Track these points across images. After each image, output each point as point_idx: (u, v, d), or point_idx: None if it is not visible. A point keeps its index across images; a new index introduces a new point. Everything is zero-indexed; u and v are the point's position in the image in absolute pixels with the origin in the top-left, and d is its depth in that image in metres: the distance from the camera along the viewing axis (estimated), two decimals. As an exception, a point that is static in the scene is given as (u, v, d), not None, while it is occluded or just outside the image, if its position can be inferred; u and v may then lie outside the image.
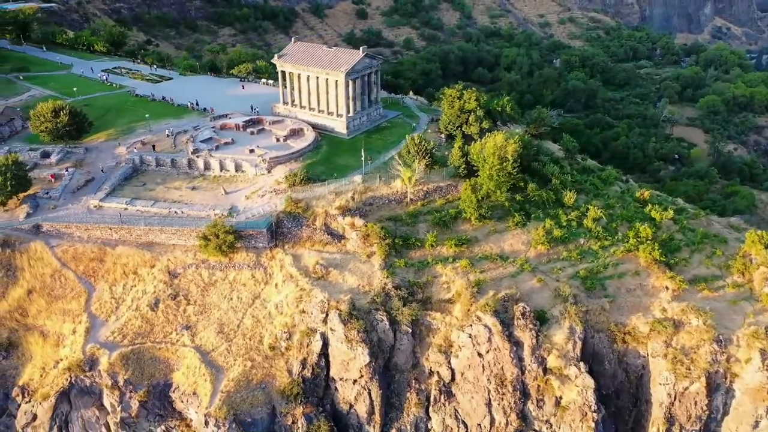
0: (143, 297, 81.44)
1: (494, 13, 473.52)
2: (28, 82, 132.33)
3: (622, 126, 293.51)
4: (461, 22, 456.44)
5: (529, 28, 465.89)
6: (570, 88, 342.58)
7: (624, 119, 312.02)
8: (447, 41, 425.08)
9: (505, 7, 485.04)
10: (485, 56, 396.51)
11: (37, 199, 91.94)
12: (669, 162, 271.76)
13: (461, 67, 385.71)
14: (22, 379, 78.78)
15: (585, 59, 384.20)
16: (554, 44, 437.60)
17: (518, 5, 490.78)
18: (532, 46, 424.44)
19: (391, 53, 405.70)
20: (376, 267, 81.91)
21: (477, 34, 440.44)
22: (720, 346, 75.35)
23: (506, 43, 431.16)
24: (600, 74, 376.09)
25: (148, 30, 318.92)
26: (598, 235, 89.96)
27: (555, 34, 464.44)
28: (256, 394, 75.68)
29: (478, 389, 76.46)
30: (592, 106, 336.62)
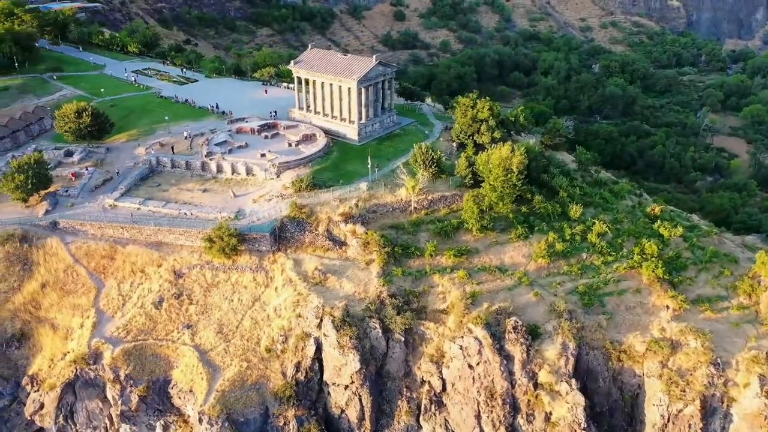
0: (148, 295, 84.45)
1: (534, 17, 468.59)
2: (61, 81, 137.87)
3: (659, 134, 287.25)
4: (500, 25, 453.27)
5: (569, 32, 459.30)
6: (607, 95, 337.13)
7: (662, 127, 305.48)
8: (484, 44, 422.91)
9: (545, 10, 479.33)
10: (522, 60, 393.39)
11: (56, 196, 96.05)
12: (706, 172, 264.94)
13: (497, 70, 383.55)
14: (32, 368, 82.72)
15: (625, 65, 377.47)
16: (594, 49, 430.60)
17: (559, 8, 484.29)
18: (571, 50, 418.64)
19: (427, 55, 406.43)
20: (373, 275, 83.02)
21: (515, 38, 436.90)
22: (717, 370, 73.86)
23: (545, 47, 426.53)
24: (640, 80, 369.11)
25: (188, 30, 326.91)
26: (601, 250, 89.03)
27: (596, 38, 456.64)
28: (250, 395, 77.69)
29: (468, 401, 76.81)
30: (630, 113, 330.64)
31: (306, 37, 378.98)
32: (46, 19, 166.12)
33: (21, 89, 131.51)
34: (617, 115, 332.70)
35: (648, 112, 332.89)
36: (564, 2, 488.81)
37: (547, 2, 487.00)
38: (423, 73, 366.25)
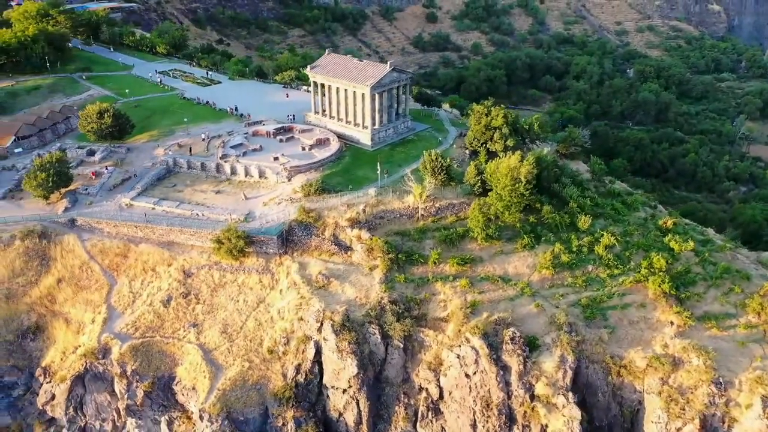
0: (158, 293, 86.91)
1: (569, 20, 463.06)
2: (89, 81, 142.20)
3: (693, 142, 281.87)
4: (533, 28, 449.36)
5: (604, 36, 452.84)
6: (640, 100, 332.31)
7: (696, 135, 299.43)
8: (516, 47, 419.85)
9: (580, 13, 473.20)
10: (554, 64, 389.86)
11: (76, 194, 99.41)
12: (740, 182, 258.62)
13: (528, 74, 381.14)
14: (45, 360, 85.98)
15: (660, 70, 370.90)
16: (629, 53, 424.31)
17: (594, 12, 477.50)
18: (605, 54, 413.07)
19: (458, 58, 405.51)
20: (376, 280, 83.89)
21: (548, 41, 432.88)
22: (719, 389, 72.72)
23: (578, 50, 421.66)
24: (676, 86, 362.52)
25: (221, 30, 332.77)
26: (608, 263, 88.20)
27: (631, 42, 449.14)
28: (250, 394, 79.40)
29: (465, 410, 77.12)
30: (664, 120, 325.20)
31: (337, 38, 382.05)
32: (79, 19, 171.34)
33: (51, 88, 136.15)
34: (650, 122, 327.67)
35: (682, 119, 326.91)
36: (600, 6, 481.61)
37: (582, 5, 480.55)
38: (452, 76, 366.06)
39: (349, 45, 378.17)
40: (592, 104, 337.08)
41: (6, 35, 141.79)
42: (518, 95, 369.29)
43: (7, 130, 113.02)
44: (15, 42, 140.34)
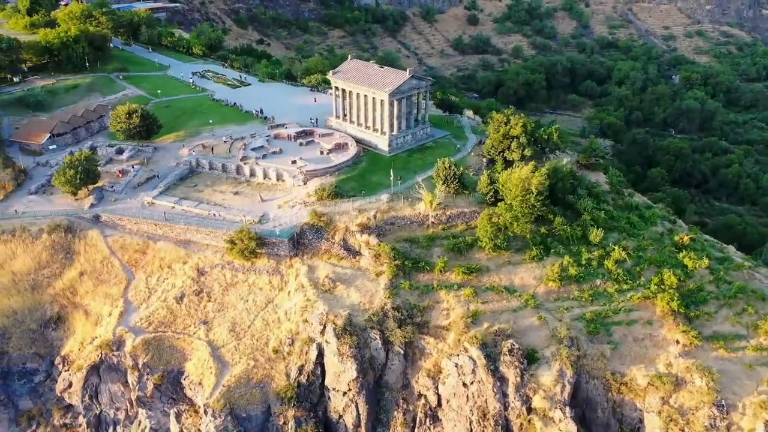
0: (172, 290, 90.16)
1: (614, 24, 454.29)
2: (126, 81, 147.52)
3: (737, 152, 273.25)
4: (576, 32, 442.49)
5: (650, 41, 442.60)
6: (684, 108, 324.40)
7: (742, 145, 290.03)
8: (558, 51, 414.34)
9: (626, 17, 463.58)
10: (597, 68, 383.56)
11: (103, 191, 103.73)
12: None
13: (568, 78, 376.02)
14: (64, 349, 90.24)
15: (708, 77, 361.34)
16: (676, 59, 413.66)
17: (641, 16, 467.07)
18: (650, 60, 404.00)
19: (498, 61, 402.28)
20: (381, 286, 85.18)
21: (591, 45, 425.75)
22: (720, 411, 71.42)
23: (622, 55, 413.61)
24: (723, 94, 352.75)
25: (262, 30, 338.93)
26: (617, 278, 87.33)
27: (679, 48, 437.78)
28: (254, 392, 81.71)
29: (461, 419, 77.71)
30: (708, 128, 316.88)
31: (377, 39, 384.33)
32: (120, 20, 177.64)
33: (89, 88, 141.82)
34: (694, 130, 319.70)
35: (728, 128, 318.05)
36: (647, 10, 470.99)
37: (629, 9, 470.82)
38: (491, 79, 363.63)
39: (388, 47, 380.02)
40: (633, 111, 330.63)
41: (50, 35, 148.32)
42: (557, 100, 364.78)
43: (43, 127, 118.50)
44: (57, 42, 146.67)
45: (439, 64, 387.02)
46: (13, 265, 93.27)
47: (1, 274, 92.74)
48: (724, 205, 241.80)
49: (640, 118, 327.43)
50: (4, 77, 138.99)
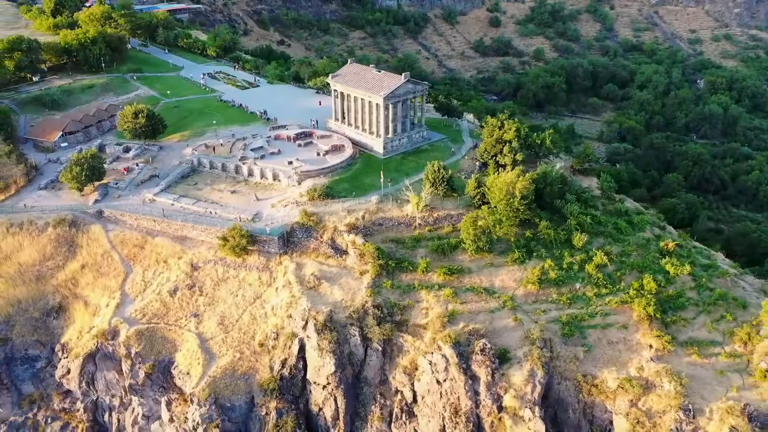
0: (166, 284, 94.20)
1: (639, 27, 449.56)
2: (139, 82, 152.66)
3: (759, 159, 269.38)
4: (600, 35, 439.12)
5: (676, 44, 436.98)
6: (707, 112, 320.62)
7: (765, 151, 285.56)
8: (581, 53, 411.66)
9: (652, 20, 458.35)
10: (619, 72, 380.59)
11: (107, 188, 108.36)
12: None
13: (589, 82, 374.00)
14: (64, 337, 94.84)
15: (734, 81, 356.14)
16: (701, 63, 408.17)
17: (668, 18, 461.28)
18: (675, 63, 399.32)
19: (518, 63, 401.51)
20: (363, 285, 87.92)
21: (615, 48, 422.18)
22: (687, 416, 72.61)
23: (647, 58, 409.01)
24: (749, 99, 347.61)
25: (284, 31, 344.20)
26: (597, 282, 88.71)
27: (705, 51, 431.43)
28: (238, 383, 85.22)
29: (435, 415, 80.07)
30: (731, 134, 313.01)
31: (397, 41, 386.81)
32: (137, 22, 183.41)
33: (104, 88, 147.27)
34: (717, 135, 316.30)
35: (752, 134, 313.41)
36: (674, 13, 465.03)
37: (655, 12, 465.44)
38: (510, 82, 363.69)
39: (408, 48, 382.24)
40: (654, 115, 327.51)
41: (69, 36, 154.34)
42: (578, 103, 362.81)
43: (56, 125, 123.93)
44: (76, 43, 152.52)
45: (459, 66, 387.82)
46: (20, 256, 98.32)
47: (8, 265, 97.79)
48: (743, 212, 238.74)
49: (661, 122, 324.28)
50: (24, 77, 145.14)
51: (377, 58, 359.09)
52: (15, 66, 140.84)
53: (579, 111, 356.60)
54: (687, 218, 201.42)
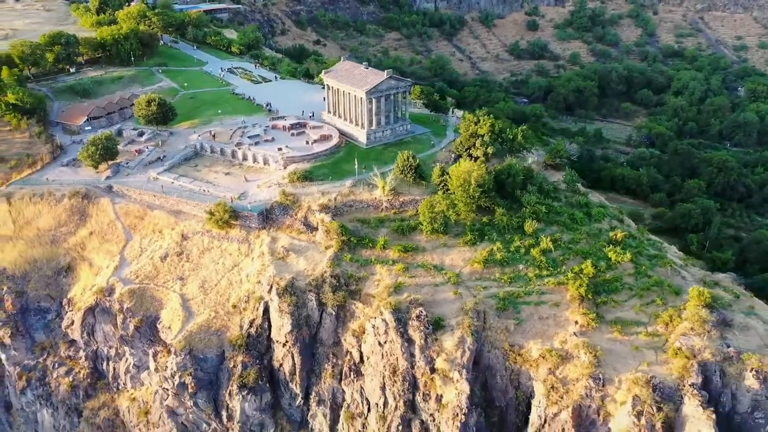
0: (159, 250, 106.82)
1: (682, 32, 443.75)
2: (164, 74, 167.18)
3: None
4: (640, 40, 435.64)
5: (719, 51, 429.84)
6: (741, 120, 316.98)
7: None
8: (618, 58, 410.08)
9: (696, 26, 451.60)
10: (656, 78, 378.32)
11: (119, 166, 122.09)
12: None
13: (624, 87, 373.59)
14: (70, 293, 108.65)
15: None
16: (744, 70, 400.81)
17: (713, 25, 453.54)
18: (717, 70, 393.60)
19: (553, 67, 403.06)
20: (326, 257, 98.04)
21: (654, 53, 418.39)
22: (597, 384, 79.79)
23: (687, 65, 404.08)
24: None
25: (320, 31, 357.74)
26: (539, 265, 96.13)
27: (750, 59, 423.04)
28: (211, 338, 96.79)
29: (377, 373, 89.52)
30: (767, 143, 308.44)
31: (432, 42, 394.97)
32: (169, 20, 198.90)
33: (131, 79, 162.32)
34: (752, 144, 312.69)
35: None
36: (720, 19, 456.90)
37: (700, 18, 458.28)
38: (541, 85, 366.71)
39: (443, 50, 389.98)
40: (687, 121, 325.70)
41: (104, 32, 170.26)
42: (610, 108, 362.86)
43: (82, 111, 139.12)
44: (110, 38, 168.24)
45: (493, 69, 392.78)
46: (39, 222, 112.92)
47: (29, 229, 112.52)
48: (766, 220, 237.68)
49: (694, 129, 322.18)
50: (62, 68, 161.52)
51: (410, 59, 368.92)
52: (54, 58, 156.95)
53: (610, 116, 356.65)
54: (701, 223, 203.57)
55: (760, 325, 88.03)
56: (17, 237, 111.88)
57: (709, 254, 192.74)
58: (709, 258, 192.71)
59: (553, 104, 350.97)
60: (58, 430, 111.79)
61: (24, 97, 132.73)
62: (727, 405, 79.36)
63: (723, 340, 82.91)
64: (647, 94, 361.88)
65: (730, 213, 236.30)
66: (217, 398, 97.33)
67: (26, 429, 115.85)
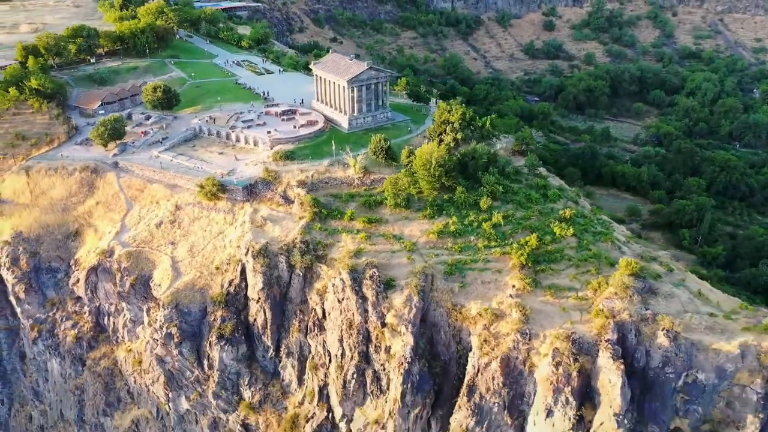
0: (155, 218, 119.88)
1: (701, 34, 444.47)
2: (175, 66, 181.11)
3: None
4: (658, 41, 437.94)
5: (737, 53, 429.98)
6: (751, 122, 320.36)
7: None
8: (634, 59, 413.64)
9: (715, 27, 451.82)
10: (670, 79, 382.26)
11: (126, 145, 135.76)
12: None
13: (636, 87, 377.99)
14: (77, 255, 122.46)
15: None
16: (762, 72, 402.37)
17: (733, 27, 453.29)
18: (732, 72, 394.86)
19: (568, 67, 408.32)
20: (298, 226, 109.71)
21: (671, 55, 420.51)
22: (524, 338, 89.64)
23: (704, 66, 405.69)
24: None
25: (338, 29, 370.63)
26: (489, 237, 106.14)
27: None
28: (195, 295, 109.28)
29: (336, 328, 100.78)
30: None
31: (447, 41, 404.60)
32: (184, 16, 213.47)
33: (145, 69, 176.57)
34: (762, 145, 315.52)
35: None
36: (740, 21, 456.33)
37: (720, 20, 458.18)
38: (553, 84, 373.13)
39: (458, 48, 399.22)
40: (698, 122, 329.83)
41: (123, 26, 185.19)
42: (621, 107, 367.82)
43: (97, 97, 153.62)
44: (128, 32, 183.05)
45: (506, 68, 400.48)
46: (52, 193, 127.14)
47: (44, 198, 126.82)
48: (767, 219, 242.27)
49: (704, 130, 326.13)
50: (83, 58, 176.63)
51: (424, 57, 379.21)
52: (76, 49, 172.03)
53: (621, 115, 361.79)
54: (696, 219, 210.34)
55: (684, 294, 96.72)
56: (33, 205, 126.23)
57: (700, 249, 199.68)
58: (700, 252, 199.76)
59: (563, 103, 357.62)
60: (65, 377, 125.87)
61: (46, 83, 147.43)
62: (641, 360, 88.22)
63: (643, 305, 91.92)
64: (659, 95, 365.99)
65: (730, 211, 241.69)
66: (199, 348, 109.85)
67: (37, 376, 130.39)
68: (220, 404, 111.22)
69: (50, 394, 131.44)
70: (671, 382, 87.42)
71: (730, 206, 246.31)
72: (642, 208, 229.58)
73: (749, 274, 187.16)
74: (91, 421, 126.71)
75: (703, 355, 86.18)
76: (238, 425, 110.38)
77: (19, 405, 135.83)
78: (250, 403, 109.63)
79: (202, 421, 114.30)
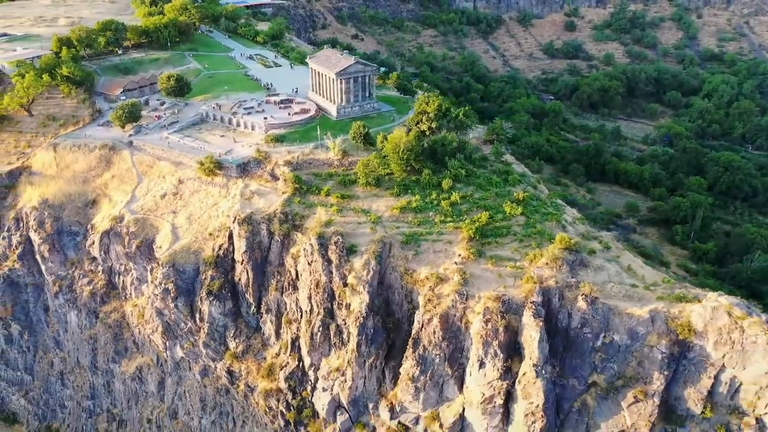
0: (160, 191, 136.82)
1: (725, 37, 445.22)
2: (193, 58, 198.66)
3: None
4: (680, 43, 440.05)
5: (761, 56, 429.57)
6: (764, 125, 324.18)
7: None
8: (654, 61, 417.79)
9: (741, 30, 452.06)
10: (689, 80, 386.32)
11: (141, 127, 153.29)
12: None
13: (653, 88, 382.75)
14: (93, 220, 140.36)
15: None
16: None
17: (758, 30, 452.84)
18: (754, 75, 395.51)
19: (587, 67, 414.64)
20: (280, 200, 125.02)
21: (692, 57, 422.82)
22: (461, 298, 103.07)
23: (725, 69, 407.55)
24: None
25: (359, 26, 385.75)
26: (446, 213, 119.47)
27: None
28: (190, 256, 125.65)
29: (306, 287, 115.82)
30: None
31: (467, 40, 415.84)
32: (205, 12, 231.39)
33: (166, 61, 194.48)
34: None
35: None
36: (766, 23, 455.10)
37: (746, 23, 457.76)
38: (568, 83, 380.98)
39: (477, 47, 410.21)
40: (711, 123, 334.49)
41: (148, 22, 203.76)
42: (636, 108, 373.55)
43: (120, 84, 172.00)
44: (153, 27, 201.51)
45: (525, 67, 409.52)
46: (75, 166, 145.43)
47: (68, 171, 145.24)
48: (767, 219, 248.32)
49: (717, 131, 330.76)
50: (111, 50, 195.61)
51: (443, 55, 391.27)
52: (105, 42, 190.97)
53: (636, 115, 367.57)
54: (690, 216, 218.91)
55: (614, 268, 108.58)
56: (58, 177, 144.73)
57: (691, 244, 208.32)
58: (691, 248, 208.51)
59: (577, 102, 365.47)
60: (81, 328, 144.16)
61: (75, 71, 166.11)
62: (563, 321, 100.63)
63: (570, 274, 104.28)
64: (675, 96, 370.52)
65: (731, 210, 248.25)
66: (192, 303, 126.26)
67: (58, 327, 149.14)
68: (209, 353, 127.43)
69: (69, 343, 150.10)
70: (589, 341, 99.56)
71: (732, 206, 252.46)
72: (641, 205, 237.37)
73: (735, 269, 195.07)
74: (103, 367, 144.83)
75: (618, 319, 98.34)
76: (224, 372, 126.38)
77: (42, 352, 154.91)
78: (235, 352, 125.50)
79: (194, 367, 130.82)
